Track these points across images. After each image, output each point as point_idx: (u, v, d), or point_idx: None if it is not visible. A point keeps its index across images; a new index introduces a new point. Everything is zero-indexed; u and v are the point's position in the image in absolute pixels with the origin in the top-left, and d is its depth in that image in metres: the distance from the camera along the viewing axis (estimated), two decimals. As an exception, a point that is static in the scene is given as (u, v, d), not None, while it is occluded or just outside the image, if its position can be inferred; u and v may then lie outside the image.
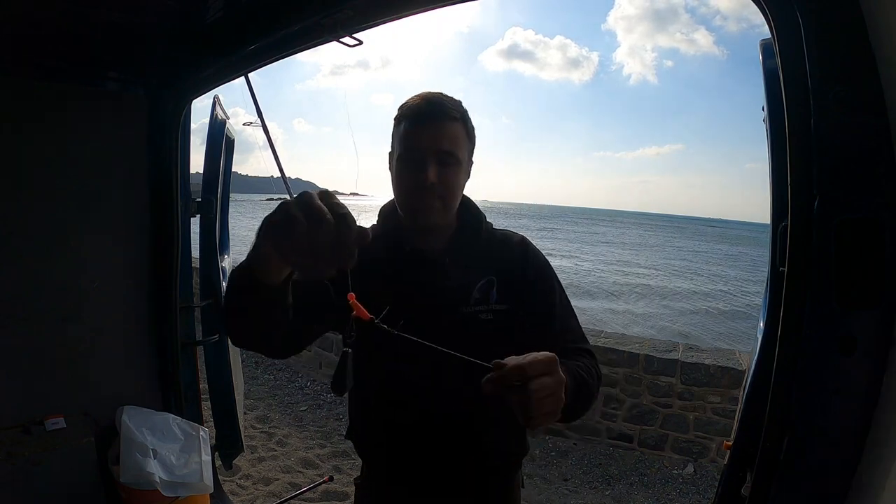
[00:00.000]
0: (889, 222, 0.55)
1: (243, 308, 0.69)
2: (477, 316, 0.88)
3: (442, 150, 0.85)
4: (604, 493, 2.89)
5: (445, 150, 0.85)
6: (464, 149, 0.89)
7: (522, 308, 0.89)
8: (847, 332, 0.57)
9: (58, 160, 1.51)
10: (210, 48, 1.30)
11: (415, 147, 0.86)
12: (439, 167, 0.85)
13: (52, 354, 1.54)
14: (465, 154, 0.90)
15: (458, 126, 0.88)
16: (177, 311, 1.73)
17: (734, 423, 1.13)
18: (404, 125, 0.87)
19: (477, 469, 0.92)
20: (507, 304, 0.88)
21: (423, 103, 0.88)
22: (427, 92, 0.90)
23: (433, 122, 0.86)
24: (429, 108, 0.87)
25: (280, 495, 2.56)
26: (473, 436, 0.90)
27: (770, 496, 0.64)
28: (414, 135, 0.86)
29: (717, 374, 3.06)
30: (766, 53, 0.89)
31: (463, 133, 0.88)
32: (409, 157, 0.86)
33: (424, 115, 0.86)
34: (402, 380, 0.88)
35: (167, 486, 1.51)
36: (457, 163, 0.87)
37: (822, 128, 0.58)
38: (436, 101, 0.88)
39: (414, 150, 0.86)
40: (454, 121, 0.87)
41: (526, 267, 0.92)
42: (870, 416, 0.57)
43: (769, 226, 0.86)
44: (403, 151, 0.87)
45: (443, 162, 0.85)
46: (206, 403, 2.03)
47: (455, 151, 0.86)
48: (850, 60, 0.57)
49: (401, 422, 0.90)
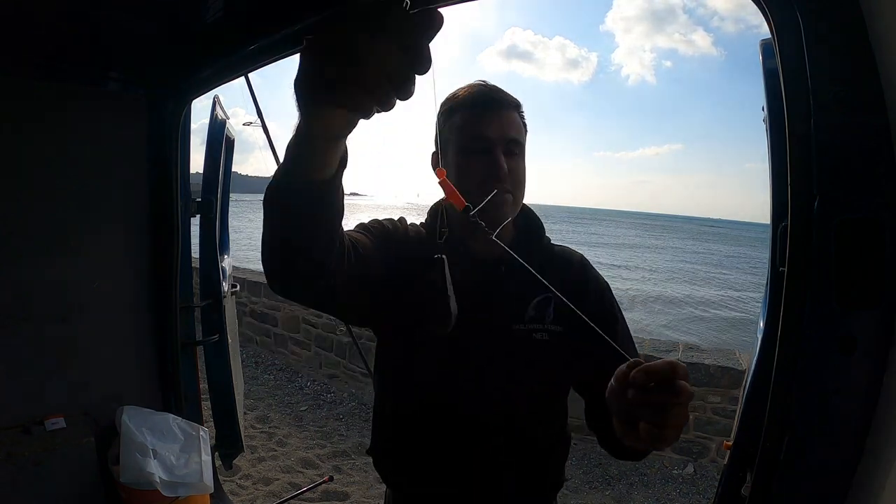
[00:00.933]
0: (889, 222, 0.55)
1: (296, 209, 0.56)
2: (531, 335, 0.79)
3: (509, 137, 0.78)
4: (604, 493, 2.89)
5: (513, 137, 0.79)
6: (524, 140, 0.82)
7: (579, 332, 0.73)
8: (847, 332, 0.57)
9: (58, 160, 1.51)
10: (210, 48, 1.30)
11: (482, 136, 0.78)
12: (507, 157, 0.78)
13: (52, 354, 1.54)
14: (524, 144, 0.83)
15: (518, 116, 0.82)
16: (177, 311, 1.73)
17: (734, 423, 1.13)
18: (461, 115, 0.80)
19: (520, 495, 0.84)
20: (563, 325, 0.80)
21: (483, 90, 0.81)
22: (481, 81, 0.84)
23: (497, 109, 0.79)
24: (490, 94, 0.80)
25: (280, 495, 2.56)
26: (524, 456, 0.82)
27: (770, 496, 0.64)
28: (478, 123, 0.78)
29: (717, 374, 3.06)
30: (766, 53, 0.88)
31: (521, 123, 0.82)
32: (477, 146, 0.78)
33: (488, 101, 0.79)
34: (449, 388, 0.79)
35: (167, 486, 1.51)
36: (522, 152, 0.81)
37: (822, 128, 0.58)
38: (494, 88, 0.82)
39: (481, 139, 0.78)
40: (515, 108, 0.81)
41: (586, 289, 0.84)
42: (870, 416, 0.57)
43: (769, 226, 0.85)
44: (469, 141, 0.78)
45: (510, 152, 0.78)
46: (206, 403, 2.03)
47: (521, 140, 0.80)
48: (850, 60, 0.57)
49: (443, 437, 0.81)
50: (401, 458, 0.87)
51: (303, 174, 0.54)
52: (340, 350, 4.26)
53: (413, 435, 0.84)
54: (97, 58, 1.44)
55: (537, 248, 0.86)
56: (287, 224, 0.58)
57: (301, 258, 0.60)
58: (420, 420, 0.83)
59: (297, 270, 0.62)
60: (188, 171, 1.74)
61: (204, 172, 1.88)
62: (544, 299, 0.80)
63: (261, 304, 4.85)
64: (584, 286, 0.84)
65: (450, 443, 0.81)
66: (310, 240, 0.59)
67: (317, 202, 0.56)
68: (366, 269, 0.71)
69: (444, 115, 0.82)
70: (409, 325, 0.80)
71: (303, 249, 0.60)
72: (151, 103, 1.62)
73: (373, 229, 0.82)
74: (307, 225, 0.58)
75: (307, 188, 0.54)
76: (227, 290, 2.05)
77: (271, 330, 4.80)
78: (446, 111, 0.82)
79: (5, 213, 1.44)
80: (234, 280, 2.27)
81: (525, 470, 0.83)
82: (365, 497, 2.68)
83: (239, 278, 4.73)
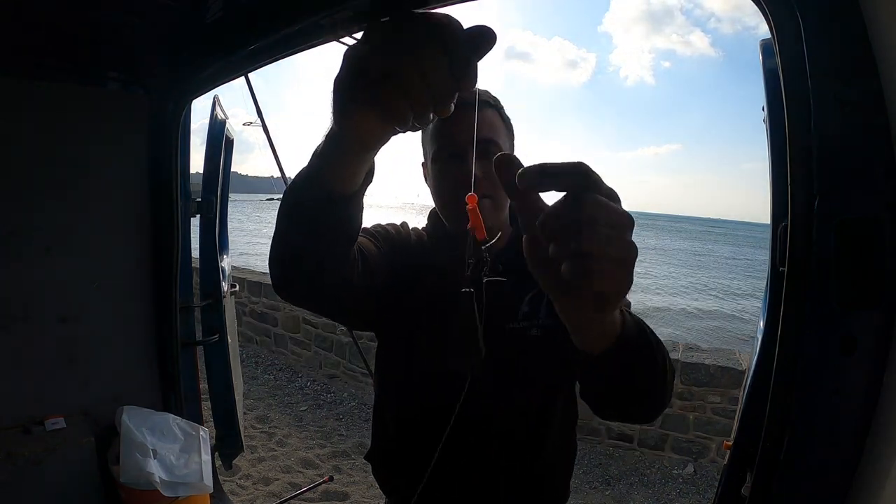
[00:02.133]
0: (889, 222, 0.55)
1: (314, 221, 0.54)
2: (525, 332, 0.78)
3: (482, 138, 0.73)
4: (604, 493, 2.89)
5: (486, 137, 0.74)
6: (504, 138, 0.78)
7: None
8: (847, 332, 0.57)
9: (58, 160, 1.51)
10: (210, 48, 1.30)
11: (450, 140, 0.75)
12: (482, 159, 0.72)
13: (52, 354, 1.54)
14: (507, 145, 0.79)
15: (494, 113, 0.78)
16: (177, 311, 1.73)
17: (734, 423, 1.13)
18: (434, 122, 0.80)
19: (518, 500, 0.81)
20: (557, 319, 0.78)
21: None
22: None
23: (466, 110, 0.76)
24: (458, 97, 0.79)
25: (280, 495, 2.57)
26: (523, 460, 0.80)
27: (770, 496, 0.64)
28: (447, 127, 0.75)
29: (717, 374, 3.06)
30: (766, 53, 0.89)
31: (500, 121, 0.78)
32: (446, 153, 0.76)
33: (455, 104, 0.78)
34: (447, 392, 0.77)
35: (167, 486, 1.51)
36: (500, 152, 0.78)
37: (822, 128, 0.58)
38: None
39: (450, 146, 0.75)
40: (488, 107, 0.77)
41: None
42: (870, 416, 0.57)
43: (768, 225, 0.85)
44: (438, 148, 0.77)
45: (485, 152, 0.73)
46: (206, 403, 2.03)
47: (496, 139, 0.76)
48: (850, 60, 0.56)
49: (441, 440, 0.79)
50: (399, 461, 0.86)
51: (326, 184, 0.52)
52: (340, 350, 4.26)
53: (412, 438, 0.83)
54: (97, 58, 1.44)
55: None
56: (301, 234, 0.56)
57: (312, 269, 0.59)
58: (419, 424, 0.82)
59: (306, 281, 0.61)
60: (188, 171, 1.74)
61: (204, 172, 1.88)
62: (538, 294, 0.78)
63: (261, 304, 4.85)
64: None
65: (448, 447, 0.79)
66: (323, 253, 0.58)
67: (336, 216, 0.54)
68: (373, 279, 0.70)
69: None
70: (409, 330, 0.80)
71: (315, 261, 0.58)
72: (151, 103, 1.62)
73: (378, 235, 0.82)
74: (324, 237, 0.56)
75: (328, 200, 0.52)
76: (226, 290, 2.05)
77: (271, 330, 4.80)
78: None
79: (5, 213, 1.44)
80: (233, 280, 2.27)
81: (524, 475, 0.81)
82: (365, 497, 2.68)
83: (239, 278, 4.73)
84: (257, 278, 4.93)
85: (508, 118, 0.80)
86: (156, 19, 1.18)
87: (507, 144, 0.79)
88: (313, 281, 0.60)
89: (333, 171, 0.51)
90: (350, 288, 0.65)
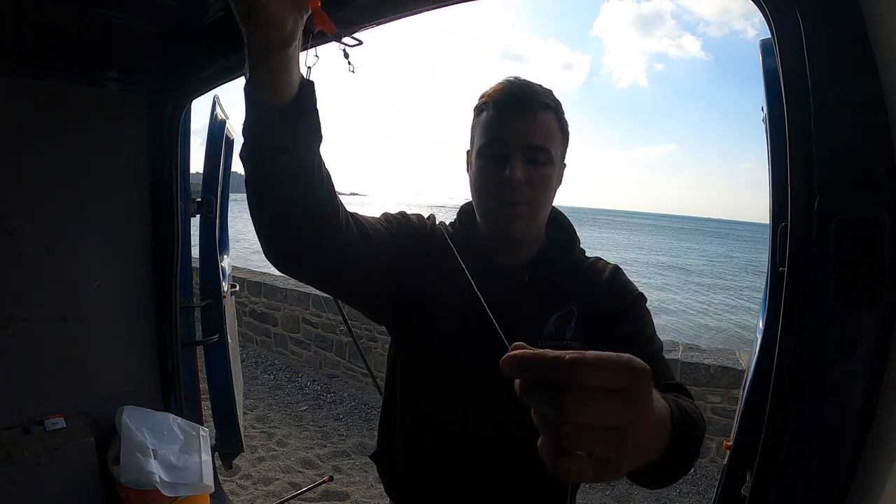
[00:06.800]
0: (889, 222, 0.55)
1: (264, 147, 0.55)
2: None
3: (532, 144, 0.70)
4: (604, 493, 2.89)
5: (536, 144, 0.71)
6: (557, 146, 0.74)
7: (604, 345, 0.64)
8: (847, 332, 0.57)
9: (58, 160, 1.51)
10: (210, 48, 1.30)
11: (499, 139, 0.71)
12: (528, 165, 0.70)
13: (52, 354, 1.54)
14: (559, 152, 0.75)
15: (552, 117, 0.73)
16: (177, 311, 1.73)
17: (734, 423, 1.13)
18: (486, 115, 0.73)
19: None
20: (585, 340, 0.74)
21: (511, 88, 0.73)
22: (513, 76, 0.75)
23: (523, 111, 0.71)
24: (517, 93, 0.72)
25: (280, 495, 2.56)
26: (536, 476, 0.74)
27: (770, 496, 0.64)
28: (499, 124, 0.71)
29: (717, 374, 3.06)
30: (766, 53, 0.88)
31: (557, 126, 0.74)
32: (492, 150, 0.72)
33: (512, 101, 0.72)
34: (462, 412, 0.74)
35: (167, 486, 1.51)
36: (549, 161, 0.72)
37: (822, 128, 0.58)
38: (525, 86, 0.73)
39: (498, 143, 0.71)
40: (547, 110, 0.73)
41: (613, 298, 0.76)
42: (869, 416, 0.57)
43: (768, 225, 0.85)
44: (484, 144, 0.73)
45: (532, 159, 0.70)
46: (206, 403, 2.03)
47: (548, 147, 0.72)
48: (850, 60, 0.56)
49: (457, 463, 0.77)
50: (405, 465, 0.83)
51: (259, 104, 0.54)
52: (340, 350, 4.26)
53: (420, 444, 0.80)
54: (97, 58, 1.44)
55: (564, 258, 0.80)
56: (261, 168, 0.56)
57: (283, 209, 0.58)
58: (429, 430, 0.79)
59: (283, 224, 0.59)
60: (188, 171, 1.74)
61: (204, 172, 1.88)
62: (566, 312, 0.75)
63: (260, 304, 4.84)
64: (611, 293, 0.77)
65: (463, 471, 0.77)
66: (288, 184, 0.57)
67: (280, 132, 0.54)
68: (368, 244, 0.69)
69: (475, 112, 0.77)
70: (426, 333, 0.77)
71: (284, 198, 0.57)
72: (151, 103, 1.62)
73: (393, 215, 0.80)
74: (279, 163, 0.55)
75: (266, 118, 0.54)
76: (226, 290, 2.05)
77: (271, 330, 4.80)
78: (476, 108, 0.77)
79: (5, 213, 1.44)
80: (233, 280, 2.27)
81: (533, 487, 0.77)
82: (365, 497, 2.68)
83: (239, 278, 4.72)
84: (257, 278, 4.93)
85: (566, 122, 0.76)
86: (155, 19, 1.18)
87: (560, 152, 0.75)
88: (289, 219, 0.59)
89: (260, 87, 0.53)
90: (338, 238, 0.63)
